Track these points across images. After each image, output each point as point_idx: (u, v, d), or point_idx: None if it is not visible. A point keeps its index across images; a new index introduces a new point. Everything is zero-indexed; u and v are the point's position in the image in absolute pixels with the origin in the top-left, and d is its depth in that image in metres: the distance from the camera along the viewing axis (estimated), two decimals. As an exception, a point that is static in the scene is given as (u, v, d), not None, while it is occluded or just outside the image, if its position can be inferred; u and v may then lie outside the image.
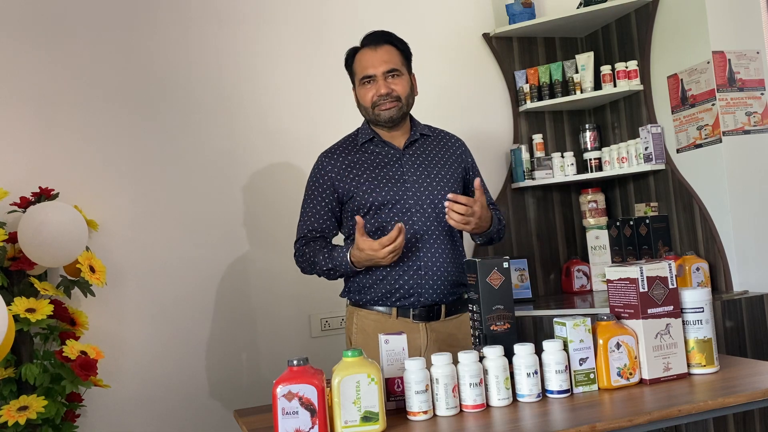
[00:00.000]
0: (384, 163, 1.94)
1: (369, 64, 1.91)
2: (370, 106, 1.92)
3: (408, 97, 1.95)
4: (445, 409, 1.37)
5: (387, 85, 1.90)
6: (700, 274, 2.55)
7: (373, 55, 1.91)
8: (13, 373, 2.18)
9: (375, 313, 1.91)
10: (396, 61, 1.93)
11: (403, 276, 1.87)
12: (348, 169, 1.94)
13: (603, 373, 1.47)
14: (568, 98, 2.94)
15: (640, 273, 1.49)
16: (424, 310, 1.88)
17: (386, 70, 1.90)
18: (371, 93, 1.91)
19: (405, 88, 1.93)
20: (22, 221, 2.17)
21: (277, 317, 2.71)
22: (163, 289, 2.57)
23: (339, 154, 1.98)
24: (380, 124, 1.95)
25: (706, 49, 2.58)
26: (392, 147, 1.96)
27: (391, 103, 1.90)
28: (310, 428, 1.24)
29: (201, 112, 2.68)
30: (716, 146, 2.57)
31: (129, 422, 2.49)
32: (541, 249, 3.11)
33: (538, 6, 3.16)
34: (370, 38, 1.94)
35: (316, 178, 1.99)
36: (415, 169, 1.94)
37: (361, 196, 1.90)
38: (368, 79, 1.91)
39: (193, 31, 2.69)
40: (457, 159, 2.03)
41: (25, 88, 2.46)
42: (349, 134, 2.06)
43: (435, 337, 1.89)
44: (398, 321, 1.89)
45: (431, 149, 2.00)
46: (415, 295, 1.87)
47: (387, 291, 1.88)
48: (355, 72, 1.97)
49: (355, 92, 1.99)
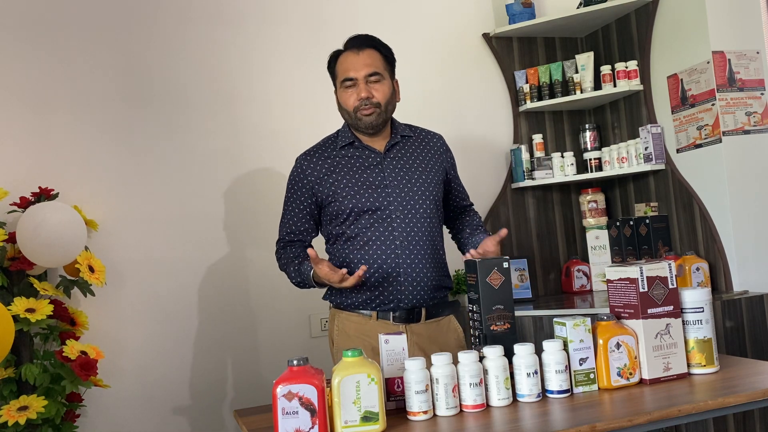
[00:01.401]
0: (364, 167, 1.91)
1: (351, 67, 1.88)
2: (352, 111, 1.90)
3: (388, 103, 1.91)
4: (445, 409, 1.37)
5: (368, 90, 1.87)
6: (700, 274, 2.55)
7: (355, 58, 1.89)
8: (13, 373, 2.18)
9: (356, 315, 1.91)
10: (378, 65, 1.90)
11: (383, 283, 1.87)
12: (327, 174, 1.91)
13: (603, 373, 1.47)
14: (568, 98, 2.94)
15: (640, 273, 1.49)
16: (405, 312, 1.89)
17: (368, 73, 1.87)
18: (353, 97, 1.88)
19: (385, 94, 1.90)
20: (22, 221, 2.17)
21: (277, 317, 2.71)
22: (163, 288, 2.57)
23: (318, 156, 1.95)
24: (361, 130, 1.92)
25: (706, 49, 2.58)
26: (372, 151, 1.94)
27: (371, 109, 1.87)
28: (310, 428, 1.24)
29: (201, 112, 2.68)
30: (716, 146, 2.57)
31: (129, 422, 2.49)
32: (541, 249, 3.11)
33: (538, 6, 3.16)
34: (354, 41, 1.92)
35: (295, 182, 1.97)
36: (396, 173, 1.92)
37: (341, 202, 1.89)
38: (350, 82, 1.89)
39: (192, 31, 2.69)
40: (439, 159, 2.01)
41: (25, 89, 2.46)
42: (328, 136, 2.02)
43: (416, 339, 1.88)
44: (378, 323, 1.88)
45: (412, 151, 1.98)
46: (395, 301, 1.88)
47: (367, 297, 1.89)
48: (336, 74, 1.94)
49: (337, 95, 1.96)
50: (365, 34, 1.94)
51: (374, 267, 1.86)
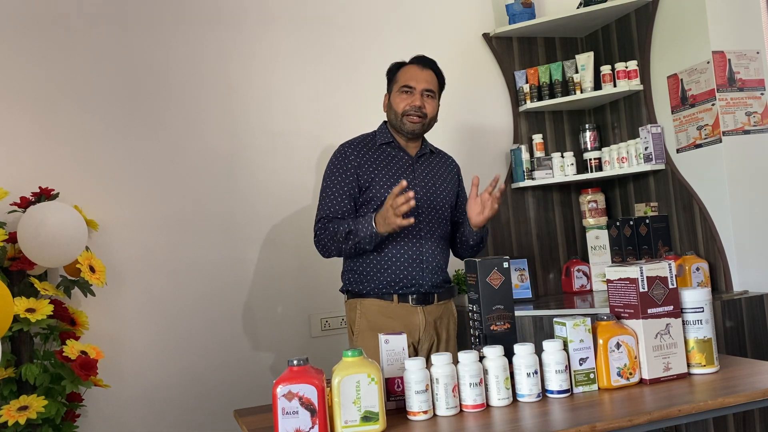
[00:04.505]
0: (398, 165, 2.16)
1: (414, 78, 2.14)
2: (400, 113, 2.13)
3: (432, 119, 2.17)
4: (445, 409, 1.38)
5: (422, 101, 2.13)
6: (700, 274, 2.55)
7: (419, 72, 2.15)
8: (13, 373, 2.18)
9: (377, 300, 2.11)
10: (434, 85, 2.17)
11: (408, 267, 2.10)
12: (368, 163, 2.13)
13: (603, 373, 1.47)
14: (568, 98, 2.94)
15: (640, 273, 1.49)
16: (422, 296, 2.12)
17: (426, 88, 2.14)
18: (406, 102, 2.12)
19: (433, 110, 2.17)
20: (22, 221, 2.17)
21: (277, 317, 2.71)
22: (163, 288, 2.57)
23: (360, 147, 2.16)
24: (402, 133, 2.16)
25: (706, 49, 2.58)
26: (407, 153, 2.19)
27: (419, 118, 2.12)
28: (310, 428, 1.24)
29: (201, 112, 2.68)
30: (716, 146, 2.57)
31: (129, 422, 2.49)
32: (541, 249, 3.11)
33: (538, 6, 3.16)
34: (420, 59, 2.19)
35: (339, 164, 2.13)
36: (423, 177, 2.18)
37: (377, 190, 2.09)
38: (408, 89, 2.13)
39: (193, 31, 2.69)
40: (453, 179, 2.28)
41: (26, 89, 2.46)
42: (366, 133, 2.22)
43: (429, 319, 2.13)
44: (399, 306, 2.10)
45: (435, 164, 2.25)
46: (416, 285, 2.10)
47: (391, 280, 2.09)
48: (397, 80, 2.17)
49: (389, 97, 2.20)
50: (430, 57, 2.20)
51: (401, 252, 2.09)
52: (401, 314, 2.09)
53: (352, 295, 2.16)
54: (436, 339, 2.14)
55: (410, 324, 2.09)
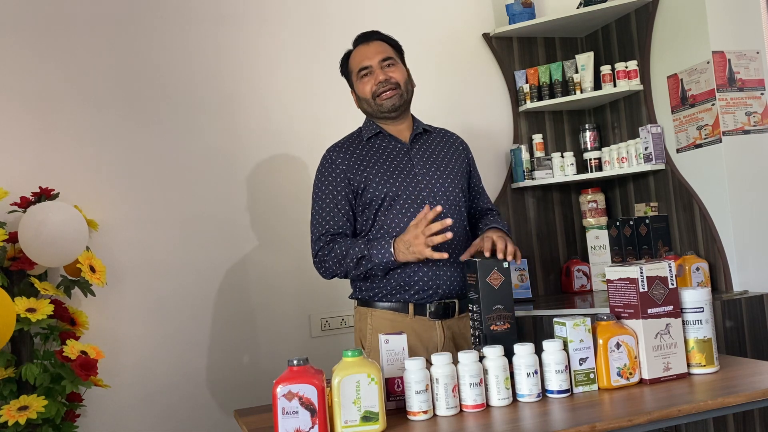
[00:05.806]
0: (393, 156, 1.93)
1: (364, 57, 1.95)
2: (370, 97, 1.94)
3: (406, 84, 1.96)
4: (445, 409, 1.38)
5: (384, 73, 1.92)
6: (700, 274, 2.55)
7: (366, 48, 1.96)
8: (13, 373, 2.18)
9: (390, 313, 1.88)
10: (389, 51, 1.97)
11: (422, 267, 1.84)
12: (358, 162, 1.92)
13: (603, 373, 1.47)
14: (568, 98, 2.94)
15: (640, 273, 1.49)
16: (441, 307, 1.87)
17: (381, 58, 1.93)
18: (370, 84, 1.93)
19: (402, 75, 1.95)
20: (23, 221, 2.17)
21: (277, 317, 2.71)
22: (163, 288, 2.57)
23: (346, 148, 1.96)
24: (383, 115, 1.95)
25: (706, 49, 2.58)
26: (399, 141, 1.96)
27: (391, 90, 1.92)
28: (310, 428, 1.24)
29: (201, 112, 2.68)
30: (716, 146, 2.57)
31: (129, 422, 2.49)
32: (541, 249, 3.11)
33: (538, 6, 3.16)
34: (361, 36, 2.00)
35: (327, 173, 1.93)
36: (424, 162, 1.94)
37: (374, 188, 1.87)
38: (365, 71, 1.94)
39: (193, 30, 2.69)
40: (460, 155, 2.04)
41: (26, 88, 2.46)
42: (352, 132, 2.05)
43: (450, 334, 1.89)
44: (415, 320, 1.86)
45: (436, 144, 2.01)
46: (434, 288, 1.85)
47: (405, 283, 1.85)
48: (351, 69, 1.99)
49: (354, 93, 2.01)
50: (370, 30, 2.02)
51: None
52: (417, 329, 1.86)
53: (362, 303, 1.95)
54: None
55: (427, 340, 1.85)
